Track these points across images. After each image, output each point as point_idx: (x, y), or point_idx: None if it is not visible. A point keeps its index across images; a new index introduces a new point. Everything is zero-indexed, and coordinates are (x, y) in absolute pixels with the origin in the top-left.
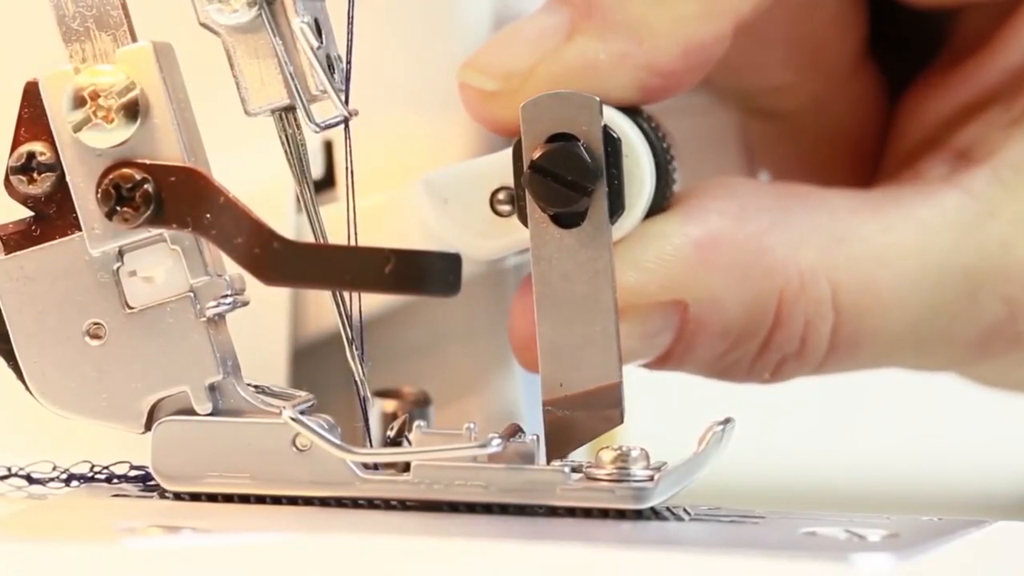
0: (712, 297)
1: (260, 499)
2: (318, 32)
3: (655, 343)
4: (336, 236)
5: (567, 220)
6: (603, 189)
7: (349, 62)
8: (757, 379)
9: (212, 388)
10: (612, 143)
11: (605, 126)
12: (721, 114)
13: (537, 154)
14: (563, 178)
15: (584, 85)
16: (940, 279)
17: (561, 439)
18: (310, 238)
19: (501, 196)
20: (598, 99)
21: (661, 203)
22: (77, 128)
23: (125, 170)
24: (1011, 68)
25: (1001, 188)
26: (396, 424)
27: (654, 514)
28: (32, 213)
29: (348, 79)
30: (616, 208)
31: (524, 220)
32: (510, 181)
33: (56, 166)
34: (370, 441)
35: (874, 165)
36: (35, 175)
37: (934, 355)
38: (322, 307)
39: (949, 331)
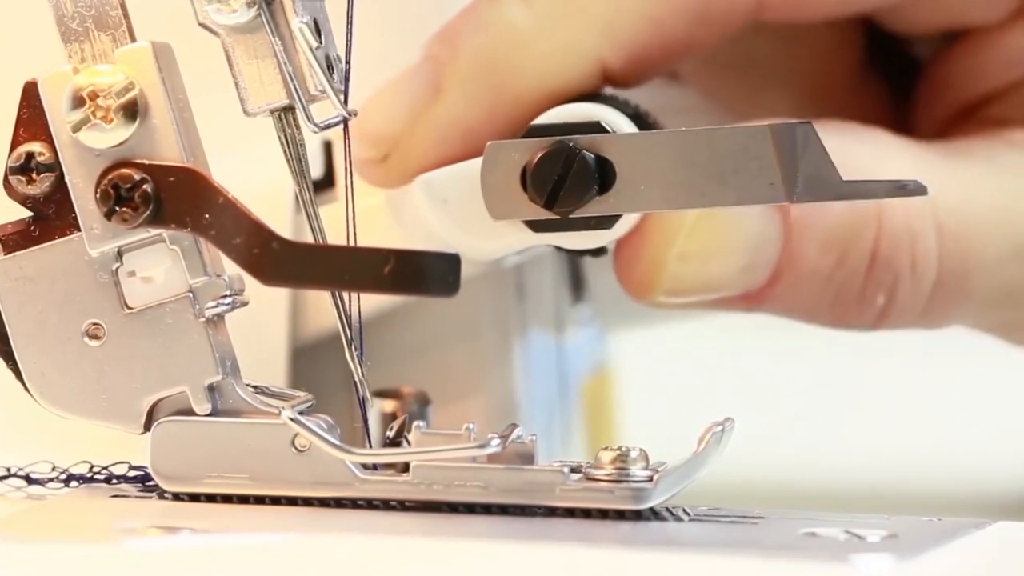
0: None
1: (259, 499)
2: (317, 32)
3: (762, 255)
4: (336, 236)
5: (606, 182)
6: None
7: (349, 62)
8: (869, 309)
9: (211, 388)
10: (537, 130)
11: (529, 128)
12: (720, 114)
13: (543, 199)
14: (561, 180)
15: (460, 135)
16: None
17: None
18: (310, 238)
19: None
20: (494, 143)
21: None
22: (76, 128)
23: (124, 170)
24: (1009, 61)
25: None
26: (395, 424)
27: (653, 515)
28: (31, 213)
29: (348, 79)
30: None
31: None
32: None
33: (55, 166)
34: (369, 441)
35: None
36: (34, 175)
37: (1015, 300)
38: (321, 307)
39: None
